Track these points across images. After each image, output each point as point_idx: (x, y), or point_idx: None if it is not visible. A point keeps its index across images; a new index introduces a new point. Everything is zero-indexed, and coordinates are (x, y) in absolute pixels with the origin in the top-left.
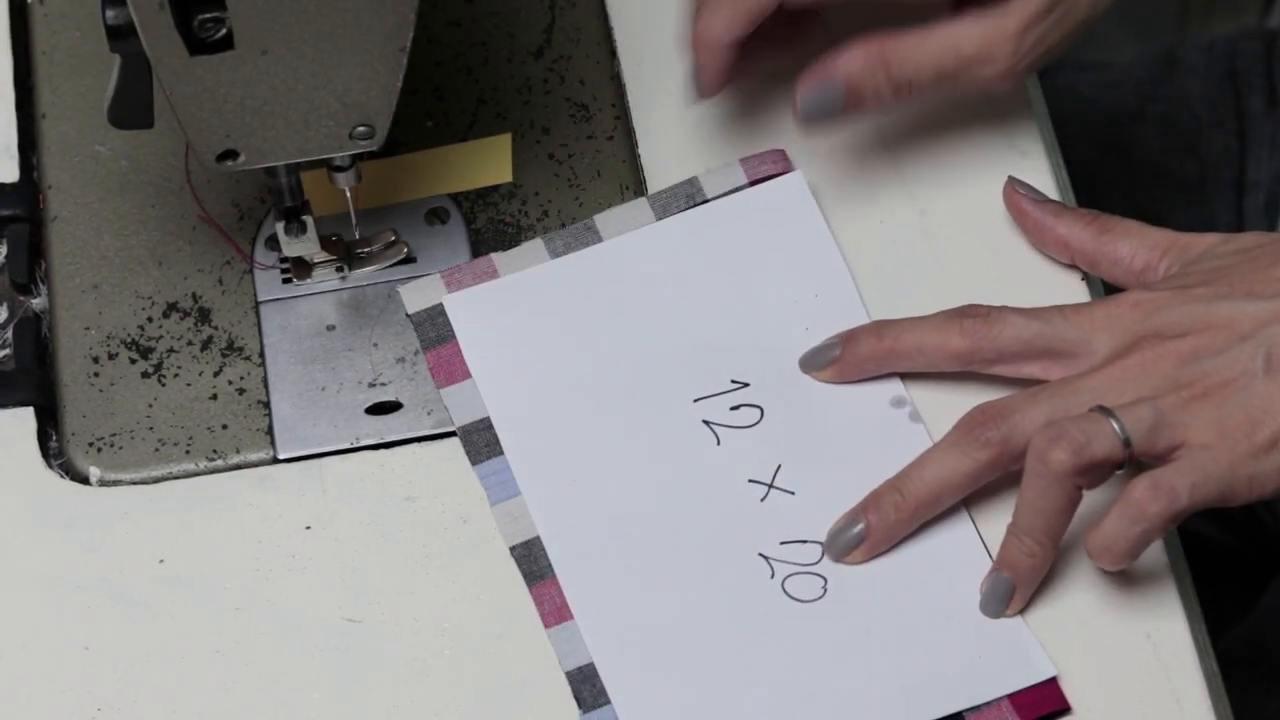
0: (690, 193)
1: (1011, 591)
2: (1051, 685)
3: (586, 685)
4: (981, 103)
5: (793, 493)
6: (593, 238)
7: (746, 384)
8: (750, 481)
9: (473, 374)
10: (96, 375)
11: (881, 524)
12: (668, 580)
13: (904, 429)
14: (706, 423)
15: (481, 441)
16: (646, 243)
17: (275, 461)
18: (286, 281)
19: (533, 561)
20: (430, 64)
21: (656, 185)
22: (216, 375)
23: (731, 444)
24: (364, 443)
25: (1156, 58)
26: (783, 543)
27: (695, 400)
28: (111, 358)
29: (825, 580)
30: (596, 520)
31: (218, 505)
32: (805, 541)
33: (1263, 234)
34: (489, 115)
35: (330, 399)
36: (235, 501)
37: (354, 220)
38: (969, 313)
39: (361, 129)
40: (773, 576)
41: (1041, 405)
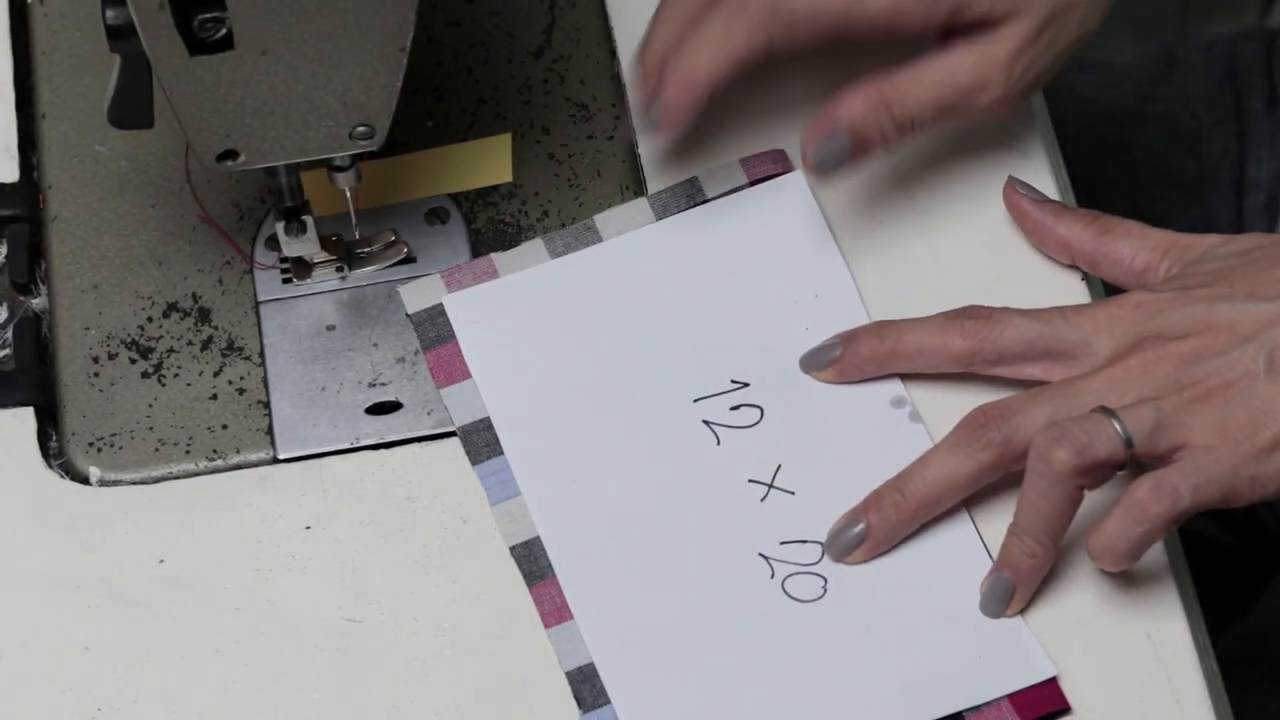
0: (690, 193)
1: (1012, 592)
2: (1051, 685)
3: (586, 685)
4: None
5: (793, 493)
6: (593, 238)
7: (746, 384)
8: (750, 481)
9: (473, 374)
10: (96, 375)
11: (882, 524)
12: (668, 580)
13: (904, 429)
14: (706, 423)
15: (481, 441)
16: (646, 243)
17: (275, 461)
18: (286, 281)
19: (533, 561)
20: (430, 64)
21: (656, 185)
22: (216, 375)
23: (731, 444)
24: (364, 443)
25: (1156, 58)
26: (783, 543)
27: (695, 400)
28: (111, 358)
29: (825, 580)
30: (596, 520)
31: (218, 505)
32: (805, 541)
33: (1263, 235)
34: (489, 115)
35: (330, 399)
36: (235, 501)
37: (354, 220)
38: (970, 314)
39: (361, 129)
40: (773, 576)
41: (1043, 406)
